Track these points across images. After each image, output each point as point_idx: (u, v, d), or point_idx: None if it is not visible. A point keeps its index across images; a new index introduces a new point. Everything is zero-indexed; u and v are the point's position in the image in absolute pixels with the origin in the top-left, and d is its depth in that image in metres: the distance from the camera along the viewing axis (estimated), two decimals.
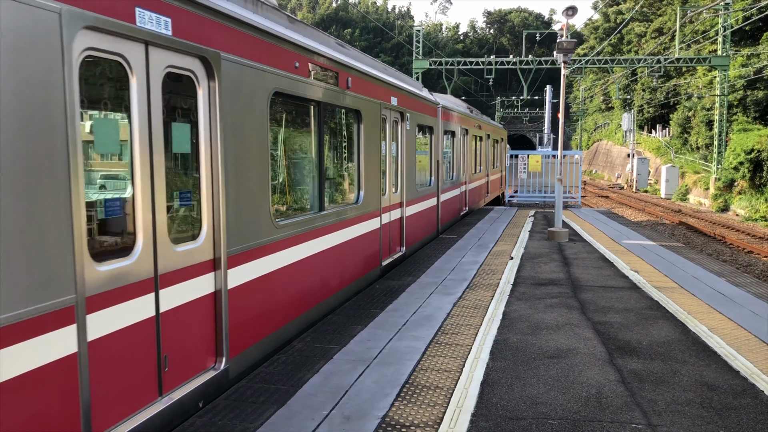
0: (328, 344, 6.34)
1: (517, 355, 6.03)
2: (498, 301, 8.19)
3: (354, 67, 8.35)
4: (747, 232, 24.56)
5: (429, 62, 37.44)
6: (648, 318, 7.36)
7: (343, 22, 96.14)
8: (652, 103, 57.00)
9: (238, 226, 5.35)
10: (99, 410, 3.77)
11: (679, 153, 47.74)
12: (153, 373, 4.32)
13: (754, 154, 30.10)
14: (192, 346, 4.81)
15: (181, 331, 4.66)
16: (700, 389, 5.16)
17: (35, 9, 3.26)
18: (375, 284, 9.26)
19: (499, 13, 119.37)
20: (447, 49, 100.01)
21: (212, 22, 4.89)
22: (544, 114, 73.81)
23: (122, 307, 4.00)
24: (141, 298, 4.19)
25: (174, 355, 4.56)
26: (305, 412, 4.71)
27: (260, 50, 5.76)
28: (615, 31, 57.99)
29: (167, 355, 4.47)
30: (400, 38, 78.60)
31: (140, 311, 4.18)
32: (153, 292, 4.32)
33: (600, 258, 11.58)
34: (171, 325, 4.52)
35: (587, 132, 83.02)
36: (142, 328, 4.20)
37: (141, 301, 4.19)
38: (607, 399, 4.96)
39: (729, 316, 7.43)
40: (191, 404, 4.68)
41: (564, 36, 14.34)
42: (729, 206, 32.89)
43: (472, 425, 4.48)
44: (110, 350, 3.89)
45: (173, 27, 4.38)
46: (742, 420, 4.57)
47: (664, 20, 59.27)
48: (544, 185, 24.44)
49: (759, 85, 38.43)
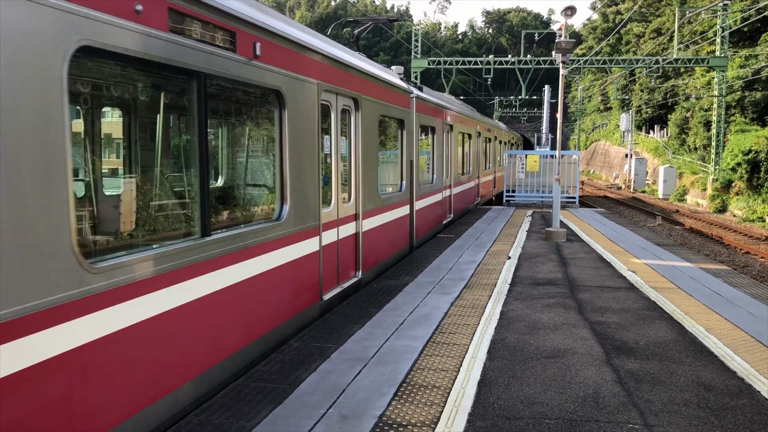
0: (326, 343, 6.33)
1: (515, 354, 6.03)
2: (495, 301, 8.19)
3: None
4: (744, 233, 24.60)
5: (428, 61, 37.41)
6: (645, 318, 7.36)
7: (342, 21, 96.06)
8: (650, 104, 57.05)
9: (367, 196, 9.16)
10: (325, 280, 7.65)
11: (677, 153, 47.79)
12: (335, 272, 8.13)
13: (751, 155, 30.11)
14: (348, 262, 8.67)
15: (345, 252, 8.49)
16: (697, 390, 5.17)
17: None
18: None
19: (497, 12, 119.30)
20: (446, 49, 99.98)
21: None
22: (543, 114, 73.80)
23: (329, 233, 7.82)
24: (332, 230, 7.95)
25: (343, 265, 8.45)
26: (302, 411, 4.71)
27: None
28: (613, 32, 57.92)
29: (341, 264, 8.32)
30: (399, 37, 78.47)
31: (332, 236, 7.95)
32: (335, 228, 8.09)
33: (597, 258, 11.59)
34: (342, 247, 8.36)
35: (585, 132, 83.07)
36: (334, 246, 8.03)
37: (332, 231, 7.96)
38: (604, 399, 4.96)
39: (726, 317, 7.44)
40: (349, 293, 8.52)
41: (562, 36, 14.33)
42: (726, 207, 32.93)
43: (469, 425, 4.48)
44: (331, 253, 7.93)
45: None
46: (738, 420, 4.58)
47: (663, 21, 59.31)
48: (542, 185, 24.45)
49: (757, 86, 38.45)
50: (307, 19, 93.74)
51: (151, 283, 4.28)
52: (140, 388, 4.18)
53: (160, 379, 4.40)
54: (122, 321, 3.99)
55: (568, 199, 23.84)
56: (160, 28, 4.36)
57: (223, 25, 5.17)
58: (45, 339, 3.38)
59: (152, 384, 4.31)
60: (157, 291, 4.34)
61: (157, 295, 4.35)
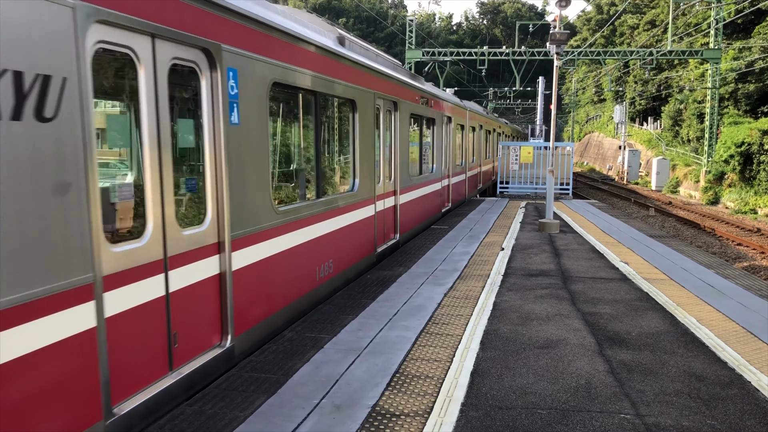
0: (319, 333, 6.33)
1: (507, 345, 6.05)
2: (489, 292, 8.21)
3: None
4: (736, 225, 24.73)
5: (422, 53, 37.30)
6: (637, 309, 7.40)
7: (336, 11, 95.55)
8: (643, 96, 57.14)
9: (403, 176, 11.24)
10: (378, 236, 9.83)
11: (671, 145, 47.91)
12: (382, 232, 10.47)
13: (744, 147, 30.24)
14: (390, 226, 10.77)
15: (388, 219, 10.46)
16: (688, 380, 5.20)
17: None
18: (366, 274, 9.23)
19: (492, 3, 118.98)
20: (440, 40, 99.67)
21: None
22: (537, 105, 73.82)
23: (379, 203, 10.10)
24: (380, 200, 10.18)
25: (387, 228, 10.50)
26: (295, 401, 4.71)
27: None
28: (608, 23, 57.99)
29: (386, 227, 10.21)
30: (394, 27, 78.22)
31: (381, 206, 10.14)
32: (383, 200, 10.23)
33: (590, 249, 11.63)
34: (387, 215, 9.97)
35: (579, 124, 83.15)
36: (382, 213, 10.23)
37: (380, 202, 10.17)
38: (596, 389, 4.98)
39: (717, 308, 7.48)
40: (388, 252, 10.37)
41: (557, 27, 14.31)
42: (719, 199, 33.08)
43: (462, 414, 4.50)
44: (380, 218, 10.04)
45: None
46: (729, 410, 4.61)
47: (657, 13, 59.32)
48: (535, 176, 24.47)
49: (750, 78, 38.56)
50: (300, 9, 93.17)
51: (299, 223, 6.88)
52: (302, 282, 7.05)
53: (311, 278, 7.31)
54: (291, 242, 6.67)
55: (561, 190, 23.89)
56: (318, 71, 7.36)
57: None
58: (267, 246, 6.10)
59: (308, 281, 7.22)
60: (302, 228, 6.97)
61: (304, 230, 7.01)
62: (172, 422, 4.32)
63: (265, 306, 6.13)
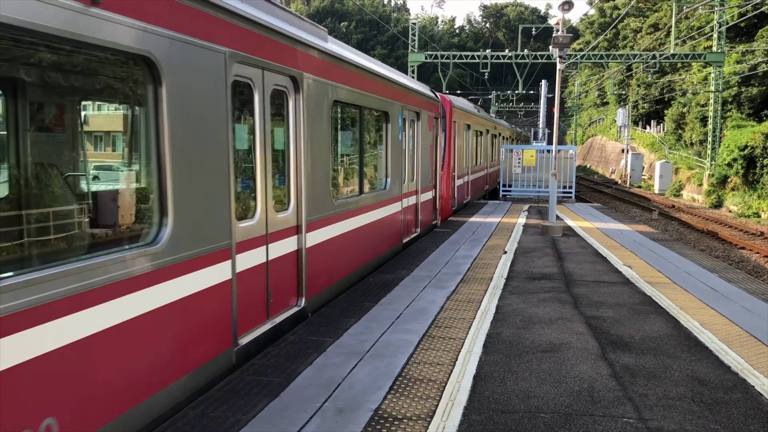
0: (322, 337, 6.33)
1: (510, 349, 6.04)
2: (491, 295, 8.20)
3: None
4: (740, 229, 24.67)
5: (425, 56, 37.33)
6: (640, 313, 7.39)
7: (338, 14, 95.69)
8: (646, 99, 57.06)
9: (423, 178, 13.22)
10: (404, 228, 11.71)
11: (674, 149, 47.82)
12: (406, 225, 12.02)
13: (747, 150, 30.16)
14: (411, 221, 12.41)
15: (410, 214, 11.96)
16: (692, 384, 5.19)
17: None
18: (369, 277, 9.33)
19: (495, 6, 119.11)
20: (443, 43, 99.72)
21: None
22: (539, 109, 73.78)
23: (405, 200, 11.72)
24: (405, 198, 11.71)
25: (410, 223, 12.25)
26: (298, 404, 4.71)
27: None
28: (610, 27, 57.95)
29: (409, 221, 12.17)
30: (396, 30, 78.28)
31: (405, 203, 11.83)
32: (407, 198, 11.90)
33: (593, 253, 11.61)
34: (410, 212, 12.12)
35: (582, 127, 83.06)
36: (406, 210, 11.84)
37: (405, 200, 11.68)
38: (599, 393, 4.98)
39: (721, 312, 7.47)
40: (412, 242, 12.09)
41: (560, 30, 14.32)
42: (722, 202, 33.00)
43: (465, 418, 4.49)
44: (405, 214, 11.75)
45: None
46: (732, 415, 4.60)
47: (660, 16, 59.25)
48: (538, 180, 24.46)
49: (753, 81, 38.50)
50: (303, 13, 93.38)
51: (348, 213, 8.50)
52: (351, 260, 8.75)
53: (357, 258, 9.07)
54: (346, 227, 8.40)
55: (564, 193, 23.87)
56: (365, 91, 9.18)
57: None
58: (328, 230, 7.68)
59: (355, 260, 8.97)
60: (351, 217, 8.62)
61: (352, 219, 8.66)
62: (175, 425, 4.32)
63: (326, 277, 7.79)
